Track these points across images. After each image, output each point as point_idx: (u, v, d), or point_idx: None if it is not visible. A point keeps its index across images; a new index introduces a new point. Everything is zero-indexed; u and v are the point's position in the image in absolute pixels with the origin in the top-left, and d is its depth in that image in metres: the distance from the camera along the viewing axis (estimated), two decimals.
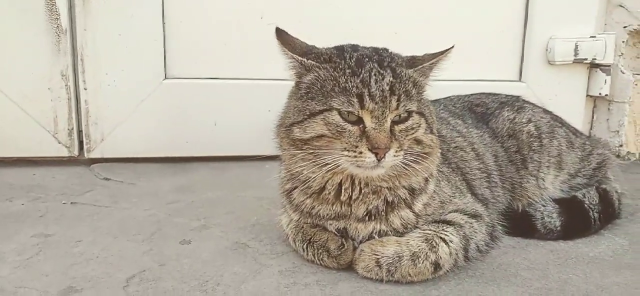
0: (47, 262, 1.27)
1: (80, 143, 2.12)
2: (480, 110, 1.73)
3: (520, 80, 2.35)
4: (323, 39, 2.11)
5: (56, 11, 1.97)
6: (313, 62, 1.19)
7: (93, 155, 2.11)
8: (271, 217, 1.55)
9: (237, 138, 2.20)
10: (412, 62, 1.25)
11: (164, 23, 2.07)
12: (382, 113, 1.13)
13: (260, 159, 2.19)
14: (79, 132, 2.11)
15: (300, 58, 1.19)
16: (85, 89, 2.05)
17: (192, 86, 2.14)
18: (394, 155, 1.14)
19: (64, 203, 1.70)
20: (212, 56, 2.14)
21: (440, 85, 1.36)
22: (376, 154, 1.11)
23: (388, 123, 1.14)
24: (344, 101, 1.13)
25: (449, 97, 1.79)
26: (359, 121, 1.13)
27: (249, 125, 2.19)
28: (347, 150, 1.12)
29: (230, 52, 2.15)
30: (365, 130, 1.13)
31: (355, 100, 1.12)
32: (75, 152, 2.10)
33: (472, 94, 1.83)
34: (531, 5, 2.28)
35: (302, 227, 1.31)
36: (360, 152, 1.11)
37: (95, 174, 2.01)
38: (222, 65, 2.16)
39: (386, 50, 1.28)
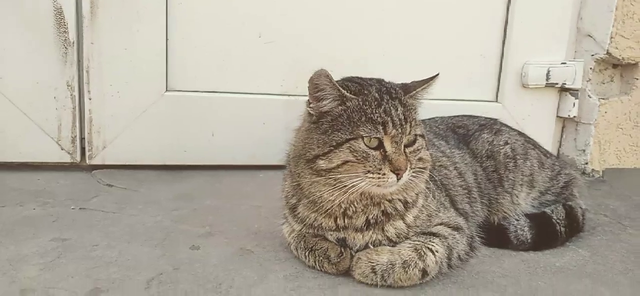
0: (70, 265, 1.38)
1: (82, 150, 2.21)
2: (461, 131, 1.91)
3: (496, 101, 2.54)
4: (318, 58, 2.28)
5: (64, 25, 2.07)
6: (351, 95, 1.33)
7: (94, 161, 2.21)
8: (270, 225, 1.69)
9: (233, 148, 2.33)
10: (407, 90, 1.41)
11: (167, 39, 2.18)
12: (400, 139, 1.30)
13: (255, 168, 2.34)
14: (82, 139, 2.20)
15: (343, 91, 1.33)
16: (90, 99, 2.15)
17: (192, 99, 2.26)
18: (407, 174, 1.30)
19: (72, 209, 1.80)
20: (212, 71, 2.26)
21: (425, 104, 1.52)
22: (397, 175, 1.28)
23: (403, 147, 1.30)
24: (372, 129, 1.29)
25: (433, 118, 1.96)
26: (380, 146, 1.29)
27: (245, 136, 2.33)
28: (371, 173, 1.28)
29: (229, 68, 2.28)
30: (386, 154, 1.29)
31: (381, 127, 1.29)
32: (77, 159, 2.20)
33: (454, 116, 2.01)
34: (508, 33, 2.48)
35: (304, 236, 1.46)
36: (384, 174, 1.28)
37: (98, 180, 2.11)
38: (220, 79, 2.28)
39: (383, 80, 1.44)
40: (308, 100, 1.39)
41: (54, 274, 1.33)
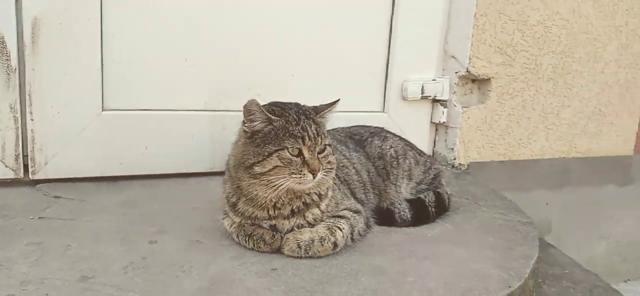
0: (53, 262, 1.68)
1: (25, 166, 2.41)
2: (357, 138, 2.43)
3: (384, 112, 3.08)
4: (237, 79, 2.68)
5: (7, 53, 2.28)
6: (276, 118, 1.77)
7: (37, 176, 2.42)
8: (210, 221, 2.05)
9: (165, 159, 2.65)
10: (317, 111, 1.89)
11: (102, 64, 2.45)
12: (314, 148, 1.76)
13: (185, 176, 2.69)
14: (25, 156, 2.41)
15: (270, 115, 1.76)
16: (32, 120, 2.37)
17: (126, 117, 2.55)
18: (320, 173, 1.76)
19: (32, 219, 2.03)
20: (144, 91, 2.57)
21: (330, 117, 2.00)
22: (313, 174, 1.74)
23: (317, 154, 1.76)
24: (294, 141, 1.73)
25: (336, 128, 2.45)
26: (300, 154, 1.74)
27: (175, 148, 2.66)
28: (294, 174, 1.72)
29: (160, 88, 2.59)
30: (305, 160, 1.74)
31: (300, 140, 1.74)
32: (21, 175, 2.41)
33: (351, 126, 2.53)
34: (391, 56, 3.03)
35: (244, 226, 1.88)
36: (304, 174, 1.73)
37: (44, 193, 2.34)
38: (152, 98, 2.59)
39: (299, 104, 1.90)
40: (243, 121, 1.82)
41: (43, 269, 1.63)
